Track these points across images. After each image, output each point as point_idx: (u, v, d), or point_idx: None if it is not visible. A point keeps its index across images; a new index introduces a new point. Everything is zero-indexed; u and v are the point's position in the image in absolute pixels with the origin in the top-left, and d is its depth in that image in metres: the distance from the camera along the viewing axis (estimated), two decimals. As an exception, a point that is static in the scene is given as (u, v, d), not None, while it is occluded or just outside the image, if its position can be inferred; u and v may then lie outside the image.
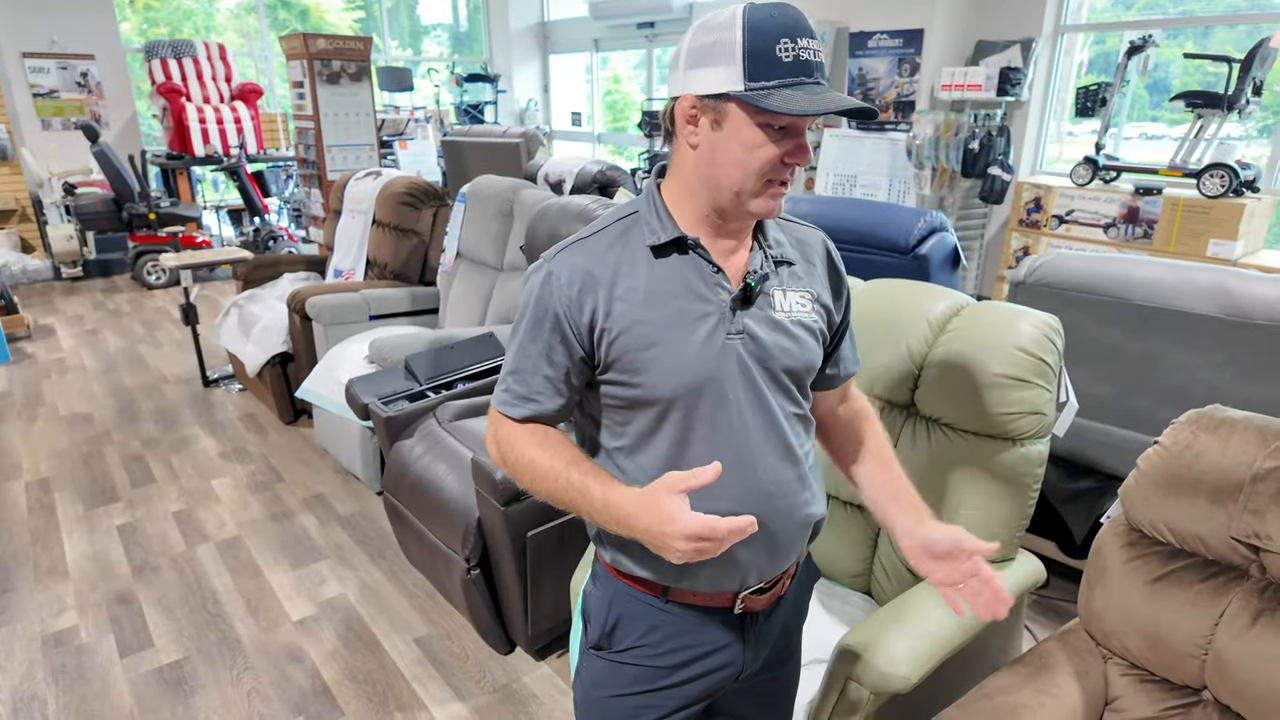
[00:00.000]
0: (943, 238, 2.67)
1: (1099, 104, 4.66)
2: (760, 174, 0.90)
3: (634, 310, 0.94)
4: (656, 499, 0.87)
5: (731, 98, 0.88)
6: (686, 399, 0.95)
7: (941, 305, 1.69)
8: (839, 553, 1.73)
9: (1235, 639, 1.18)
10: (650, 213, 0.98)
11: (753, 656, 1.08)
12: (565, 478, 0.94)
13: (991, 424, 1.53)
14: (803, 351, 1.01)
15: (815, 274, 1.06)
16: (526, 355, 0.98)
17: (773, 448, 0.99)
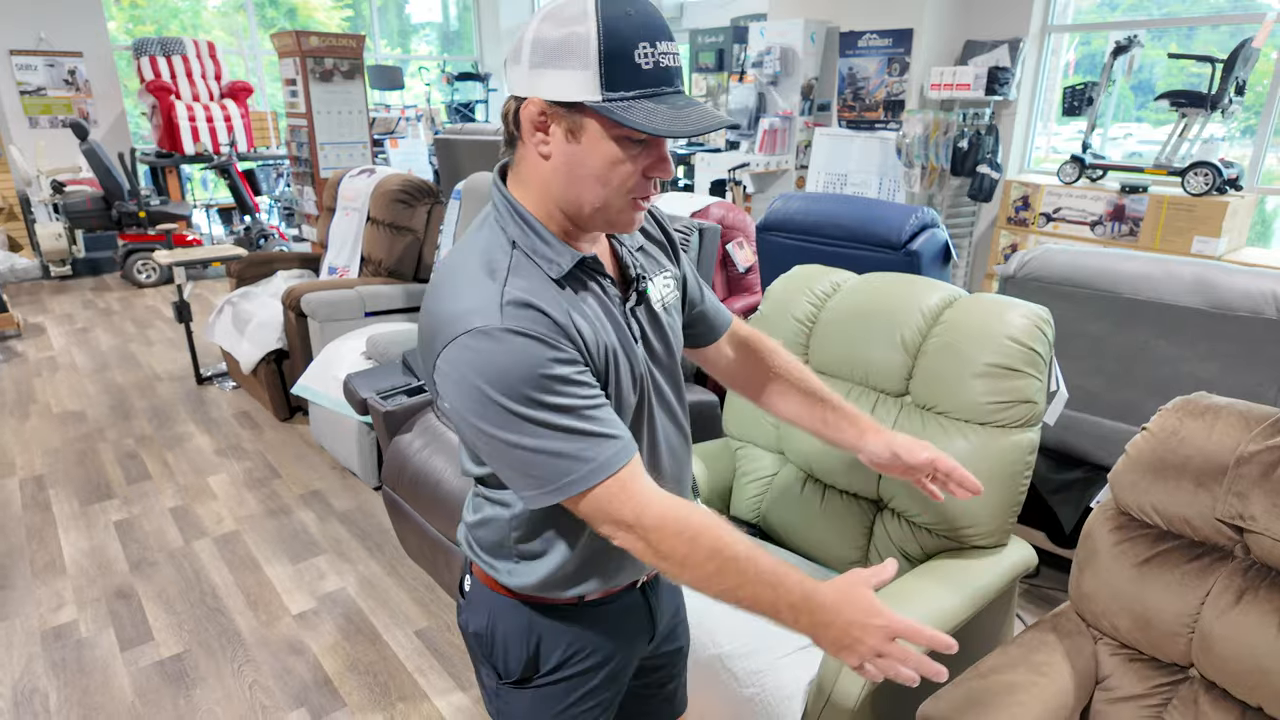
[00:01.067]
0: (934, 234, 2.71)
1: (1085, 103, 4.72)
2: (625, 191, 0.85)
3: (598, 334, 0.89)
4: (856, 590, 0.86)
5: (588, 109, 0.80)
6: (636, 409, 0.95)
7: (935, 297, 1.72)
8: (834, 540, 1.77)
9: (1220, 617, 1.22)
10: (530, 236, 0.88)
11: (661, 620, 1.14)
12: (755, 567, 0.85)
13: (983, 412, 1.57)
14: (678, 338, 1.03)
15: (663, 248, 1.06)
16: (575, 409, 0.83)
17: (679, 434, 1.05)
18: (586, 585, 1.01)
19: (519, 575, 1.00)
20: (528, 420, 0.82)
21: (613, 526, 0.86)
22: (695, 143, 7.18)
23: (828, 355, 1.83)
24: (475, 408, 0.83)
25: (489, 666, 1.07)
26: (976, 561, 1.55)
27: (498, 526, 1.00)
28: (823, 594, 0.85)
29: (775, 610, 0.85)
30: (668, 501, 0.87)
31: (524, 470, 0.85)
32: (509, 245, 0.88)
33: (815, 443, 1.80)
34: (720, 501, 2.01)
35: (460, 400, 0.83)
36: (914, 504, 1.64)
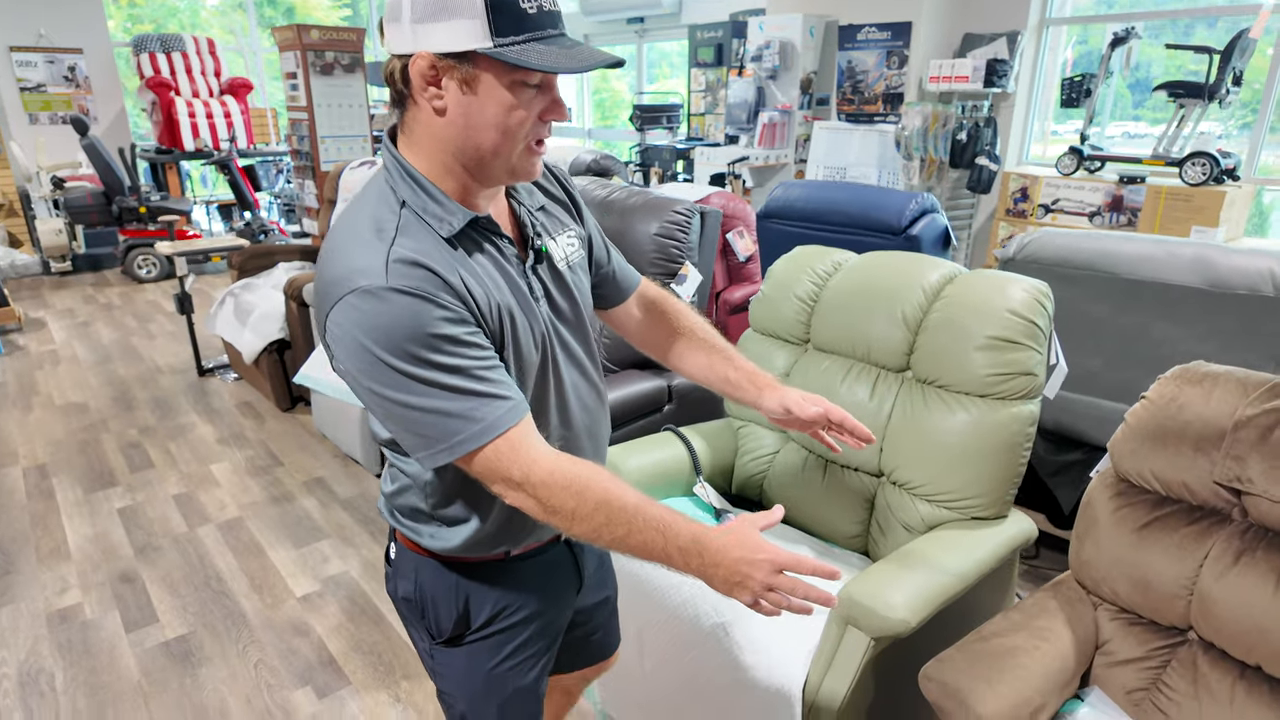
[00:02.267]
0: (933, 219, 2.72)
1: (1084, 95, 4.74)
2: (523, 136, 0.86)
3: (489, 293, 0.89)
4: (743, 531, 0.89)
5: (481, 56, 0.81)
6: (529, 370, 0.95)
7: (936, 274, 1.74)
8: (835, 515, 1.78)
9: (1218, 579, 1.23)
10: (421, 196, 0.88)
11: (587, 570, 1.18)
12: (643, 515, 0.87)
13: (984, 385, 1.58)
14: (584, 287, 1.06)
15: (566, 207, 1.07)
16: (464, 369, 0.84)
17: (589, 387, 1.06)
18: (509, 543, 1.03)
19: (441, 539, 1.01)
20: (415, 379, 0.82)
21: (503, 485, 0.87)
22: (694, 137, 7.19)
23: (829, 333, 1.84)
24: (364, 368, 0.83)
25: (421, 629, 1.08)
26: (977, 531, 1.56)
27: (413, 494, 1.01)
28: (711, 537, 0.88)
29: (666, 555, 0.88)
30: (557, 459, 0.88)
31: (414, 430, 0.86)
32: (398, 205, 0.88)
33: (817, 418, 1.82)
34: (722, 480, 2.02)
35: (350, 361, 0.84)
36: (915, 475, 1.65)
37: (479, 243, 0.91)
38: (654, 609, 1.58)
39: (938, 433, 1.62)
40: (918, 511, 1.66)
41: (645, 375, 2.21)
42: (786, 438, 1.94)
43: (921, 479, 1.64)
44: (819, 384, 1.82)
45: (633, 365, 2.31)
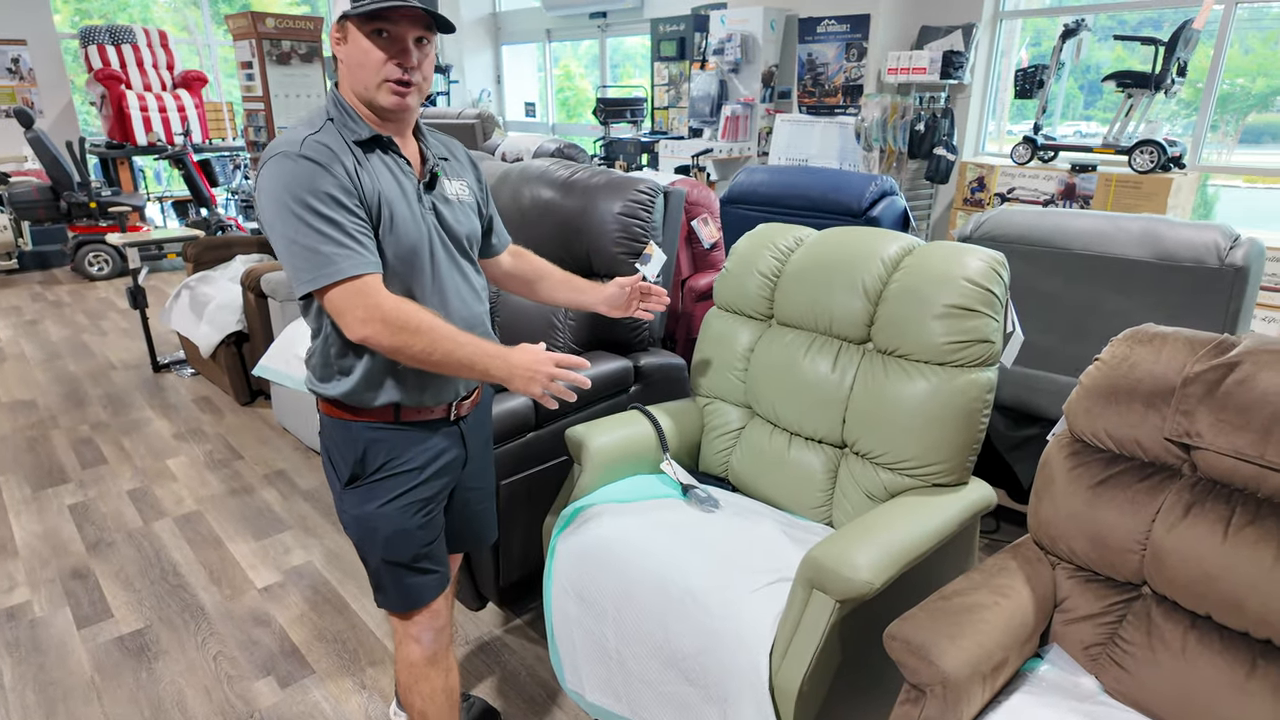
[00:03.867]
0: (893, 200, 2.76)
1: (1036, 86, 4.84)
2: (377, 74, 1.19)
3: (375, 182, 1.21)
4: (537, 348, 1.28)
5: (347, 16, 1.17)
6: (411, 257, 1.25)
7: (895, 246, 1.76)
8: (800, 486, 1.79)
9: (1170, 532, 1.26)
10: (344, 115, 1.23)
11: (470, 450, 1.45)
12: (465, 337, 1.22)
13: (943, 353, 1.60)
14: (471, 222, 1.38)
15: (465, 169, 1.44)
16: (333, 223, 1.15)
17: (471, 291, 1.37)
18: (393, 393, 1.29)
19: (339, 384, 1.29)
20: (302, 221, 1.15)
21: (354, 321, 1.17)
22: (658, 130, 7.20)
23: (792, 308, 1.86)
24: (270, 209, 1.16)
25: (333, 476, 1.37)
26: (938, 497, 1.59)
27: (319, 349, 1.31)
28: (501, 349, 1.26)
29: (483, 361, 1.23)
30: (399, 305, 1.19)
31: (293, 262, 1.16)
32: (325, 118, 1.23)
33: (782, 393, 1.83)
34: (689, 458, 2.03)
35: (264, 206, 1.17)
36: (877, 444, 1.67)
37: (379, 153, 1.25)
38: (621, 580, 1.58)
39: (898, 402, 1.64)
40: (880, 480, 1.68)
41: (612, 356, 2.21)
42: (751, 413, 1.95)
43: (883, 448, 1.66)
44: (782, 358, 1.84)
45: (599, 346, 2.30)
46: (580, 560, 1.68)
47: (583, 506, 1.76)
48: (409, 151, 1.30)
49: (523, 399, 1.98)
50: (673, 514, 1.73)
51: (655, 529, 1.66)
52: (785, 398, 1.81)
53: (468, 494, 1.52)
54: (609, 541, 1.64)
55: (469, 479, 1.49)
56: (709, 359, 2.03)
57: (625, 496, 1.79)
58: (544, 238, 2.36)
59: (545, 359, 1.26)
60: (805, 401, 1.78)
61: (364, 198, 1.20)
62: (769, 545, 1.60)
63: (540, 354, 1.26)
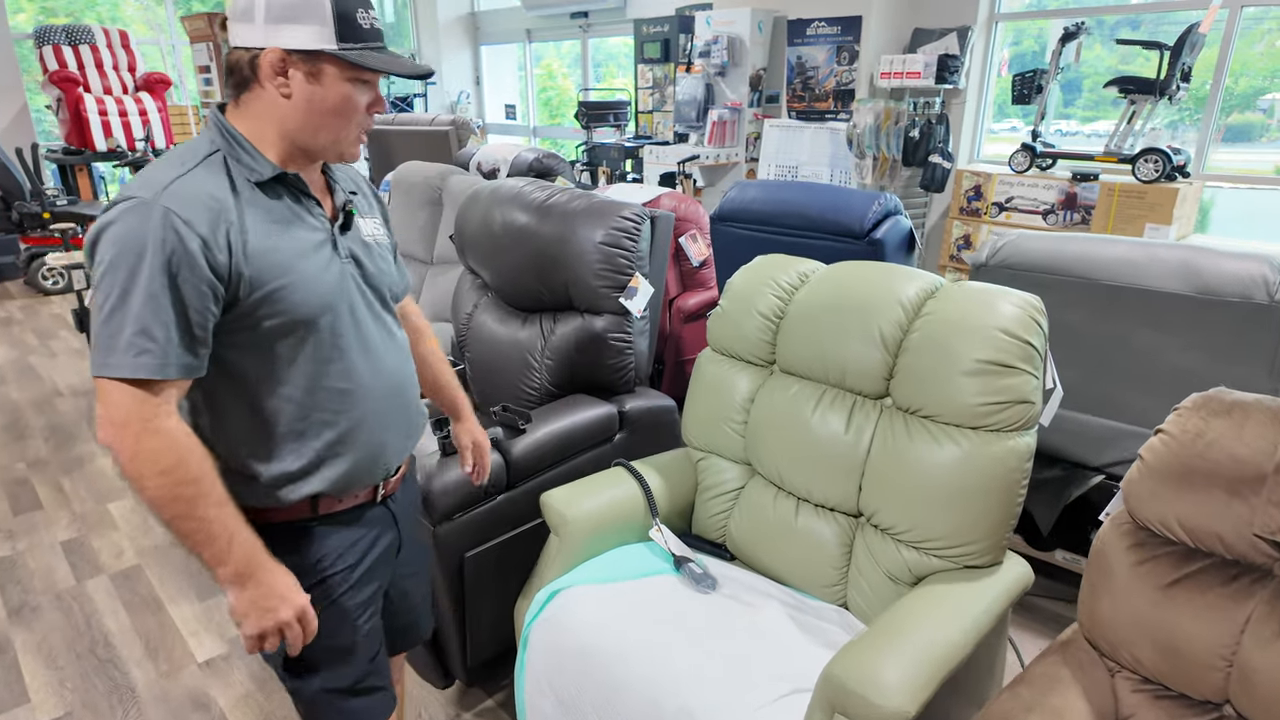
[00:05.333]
0: (897, 221, 2.55)
1: (1035, 91, 4.66)
2: (357, 124, 1.05)
3: (265, 240, 0.99)
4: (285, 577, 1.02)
5: (327, 56, 0.98)
6: (322, 320, 1.05)
7: (914, 287, 1.54)
8: (809, 560, 1.57)
9: (1262, 648, 1.06)
10: (237, 150, 1.01)
11: (404, 532, 1.26)
12: (218, 492, 0.96)
13: (975, 415, 1.39)
14: (390, 270, 1.20)
15: (371, 203, 1.23)
16: (159, 305, 0.91)
17: (394, 349, 1.17)
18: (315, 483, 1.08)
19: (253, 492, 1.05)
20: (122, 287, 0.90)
21: (109, 426, 0.91)
22: (643, 135, 6.97)
23: (797, 354, 1.64)
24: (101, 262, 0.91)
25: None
26: (973, 584, 1.37)
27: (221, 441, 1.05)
28: (268, 559, 1.00)
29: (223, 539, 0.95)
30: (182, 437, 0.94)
31: (96, 331, 0.92)
32: (208, 150, 1.00)
33: (787, 452, 1.61)
34: (681, 519, 1.80)
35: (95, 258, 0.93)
36: (899, 518, 1.45)
37: (282, 196, 1.04)
38: (604, 689, 1.35)
39: (924, 470, 1.42)
40: (902, 559, 1.46)
41: (593, 401, 1.98)
42: (752, 471, 1.73)
43: (907, 523, 1.44)
44: (787, 412, 1.61)
45: (580, 388, 2.07)
46: (557, 655, 1.45)
47: (559, 589, 1.53)
48: (317, 189, 1.11)
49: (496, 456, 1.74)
50: (664, 598, 1.51)
51: (644, 622, 1.43)
52: (792, 458, 1.59)
53: (405, 583, 1.32)
54: (590, 637, 1.41)
55: (405, 565, 1.30)
56: (703, 408, 1.80)
57: (609, 575, 1.56)
58: (518, 267, 2.12)
59: (293, 603, 1.01)
60: (815, 463, 1.56)
61: (231, 271, 0.96)
62: (778, 640, 1.38)
63: (292, 595, 1.01)
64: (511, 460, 1.76)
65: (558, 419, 1.89)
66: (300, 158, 1.05)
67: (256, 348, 1.01)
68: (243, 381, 1.02)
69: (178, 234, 0.91)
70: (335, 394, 1.07)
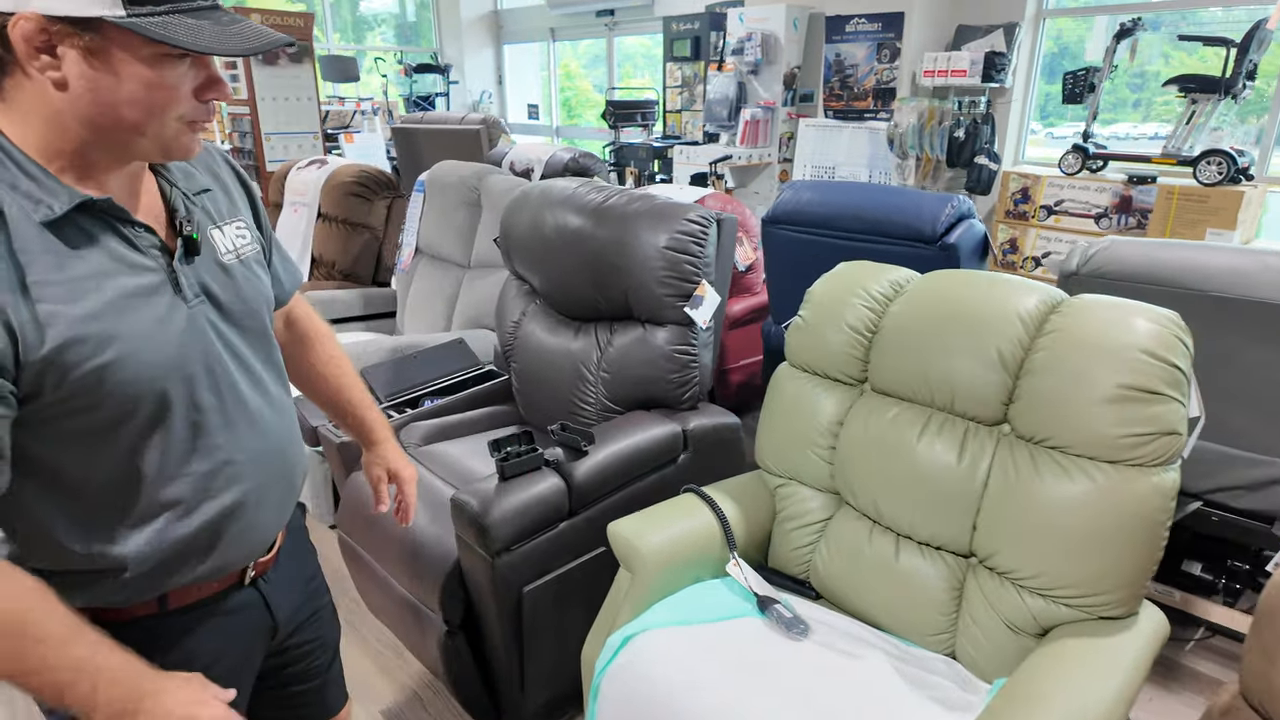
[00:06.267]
0: (971, 225, 2.39)
1: (1087, 90, 4.48)
2: (174, 115, 0.75)
3: (66, 309, 0.72)
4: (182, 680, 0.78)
5: (109, 25, 0.69)
6: (172, 393, 0.80)
7: (1032, 300, 1.38)
8: (912, 604, 1.41)
9: None
10: (12, 170, 0.72)
11: (282, 614, 1.02)
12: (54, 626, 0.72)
13: (1115, 448, 1.23)
14: (260, 292, 0.93)
15: (233, 194, 0.95)
16: None
17: (268, 404, 0.92)
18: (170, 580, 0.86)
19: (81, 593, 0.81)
20: None
21: None
22: (671, 135, 6.82)
23: (896, 373, 1.48)
24: None
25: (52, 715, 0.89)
26: (1113, 639, 1.21)
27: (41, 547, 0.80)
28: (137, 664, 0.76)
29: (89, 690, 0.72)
30: None
31: None
32: None
33: (887, 483, 1.45)
34: (756, 552, 1.65)
35: None
36: (1023, 562, 1.29)
37: (90, 233, 0.75)
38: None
39: (1054, 508, 1.26)
40: (1025, 608, 1.30)
41: (655, 418, 1.83)
42: (840, 501, 1.57)
43: (1033, 568, 1.28)
44: (886, 438, 1.46)
45: (641, 404, 1.92)
46: (633, 708, 1.31)
47: (634, 633, 1.38)
48: (143, 204, 0.82)
49: (552, 480, 1.60)
50: (751, 644, 1.35)
51: (732, 672, 1.28)
52: (892, 490, 1.43)
53: (303, 659, 1.09)
54: (671, 690, 1.26)
55: (296, 638, 1.07)
56: (782, 429, 1.65)
57: (687, 617, 1.41)
58: (572, 273, 1.98)
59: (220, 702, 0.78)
60: (921, 497, 1.40)
61: (19, 360, 0.70)
62: (886, 697, 1.22)
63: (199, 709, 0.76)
64: (574, 485, 1.62)
65: (620, 439, 1.74)
66: (104, 165, 0.77)
67: (79, 441, 0.77)
68: (63, 481, 0.78)
69: None
70: (197, 478, 0.84)
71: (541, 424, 2.07)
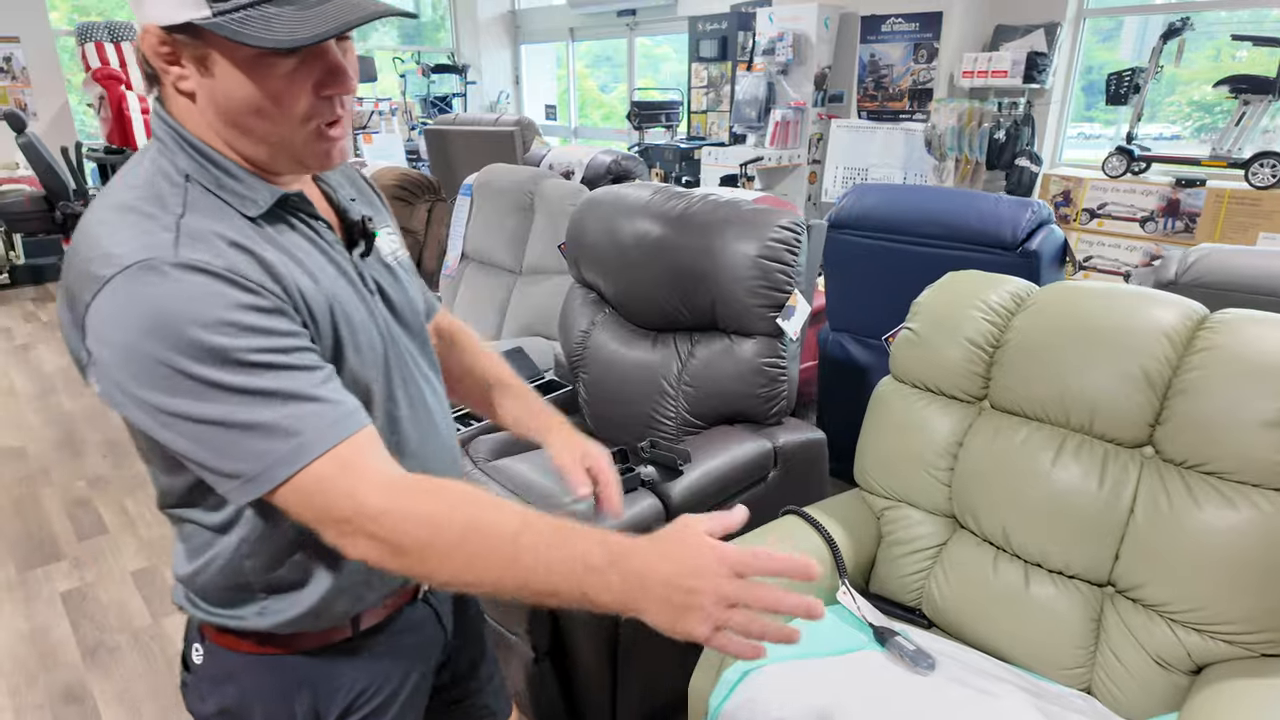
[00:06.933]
0: (1051, 231, 2.31)
1: (1131, 90, 4.40)
2: (298, 119, 0.69)
3: (309, 284, 0.72)
4: (681, 533, 0.65)
5: (203, 30, 0.64)
6: (374, 385, 0.79)
7: (1174, 314, 1.31)
8: (1047, 636, 1.34)
9: None
10: (210, 169, 0.70)
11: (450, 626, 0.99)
12: (531, 536, 0.65)
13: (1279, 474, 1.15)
14: (418, 293, 0.92)
15: (375, 204, 0.93)
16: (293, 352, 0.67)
17: (438, 402, 0.90)
18: (365, 599, 0.83)
19: (274, 613, 0.79)
20: (210, 384, 0.63)
21: (333, 527, 0.66)
22: (695, 136, 6.74)
23: (1025, 391, 1.40)
24: (141, 372, 0.63)
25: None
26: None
27: (224, 562, 0.77)
28: (635, 543, 0.65)
29: (578, 583, 0.63)
30: (397, 480, 0.68)
31: (213, 454, 0.65)
32: (181, 178, 0.69)
33: (1017, 508, 1.37)
34: (860, 577, 1.57)
35: (119, 366, 0.63)
36: (1180, 595, 1.21)
37: (292, 225, 0.74)
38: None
39: (1214, 537, 1.18)
40: (1179, 643, 1.22)
41: (744, 434, 1.75)
42: (954, 525, 1.50)
43: (1188, 600, 1.20)
44: (1015, 460, 1.38)
45: (721, 419, 1.84)
46: (761, 749, 1.23)
47: (751, 668, 1.30)
48: (320, 207, 0.81)
49: (648, 501, 1.52)
50: (876, 679, 1.27)
51: (860, 710, 1.20)
52: (1024, 516, 1.36)
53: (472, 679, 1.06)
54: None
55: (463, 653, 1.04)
56: (889, 448, 1.57)
57: (804, 650, 1.33)
58: (653, 283, 1.90)
59: (711, 566, 0.62)
60: (1056, 524, 1.32)
61: (312, 315, 0.71)
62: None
63: (697, 549, 0.64)
64: (671, 506, 1.54)
65: (713, 457, 1.67)
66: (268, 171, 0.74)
67: None
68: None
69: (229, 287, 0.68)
70: None
71: (613, 437, 1.99)
